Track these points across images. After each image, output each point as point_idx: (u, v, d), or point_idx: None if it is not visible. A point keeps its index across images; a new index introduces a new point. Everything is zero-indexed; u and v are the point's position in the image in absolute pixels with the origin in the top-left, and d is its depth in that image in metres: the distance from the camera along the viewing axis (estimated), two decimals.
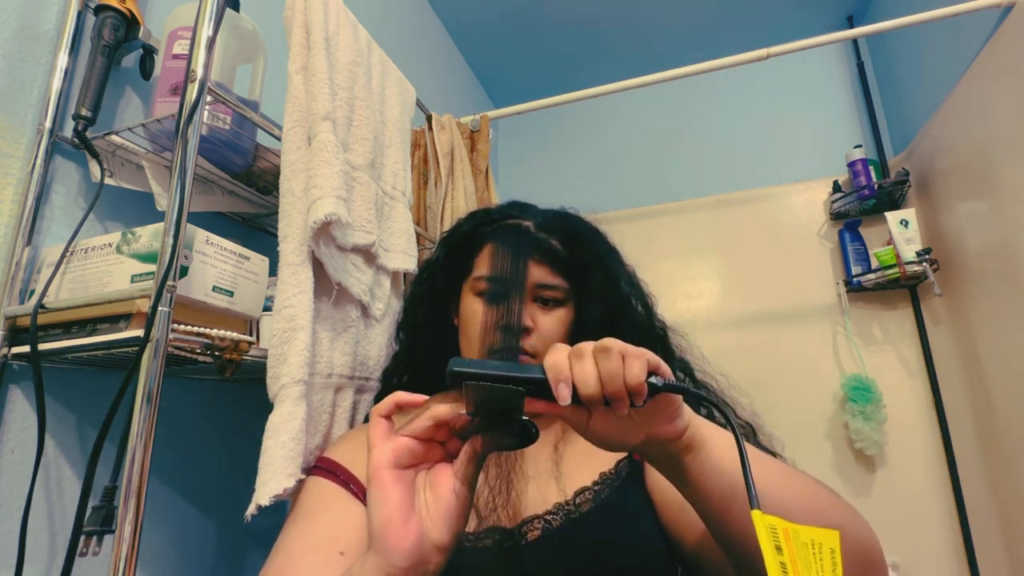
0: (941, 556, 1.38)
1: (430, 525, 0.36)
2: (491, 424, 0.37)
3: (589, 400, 0.34)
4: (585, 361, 0.35)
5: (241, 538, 0.84)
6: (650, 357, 0.35)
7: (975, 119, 1.21)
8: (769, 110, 1.86)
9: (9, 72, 0.61)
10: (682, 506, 0.51)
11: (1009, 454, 1.18)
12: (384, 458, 0.37)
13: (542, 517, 0.51)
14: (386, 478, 0.36)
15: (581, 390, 0.34)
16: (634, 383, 0.34)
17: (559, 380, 0.34)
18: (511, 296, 0.58)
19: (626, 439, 0.37)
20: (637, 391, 0.34)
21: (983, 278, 1.23)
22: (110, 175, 0.66)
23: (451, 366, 0.36)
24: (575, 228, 0.66)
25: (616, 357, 0.34)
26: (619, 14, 1.79)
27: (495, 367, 0.36)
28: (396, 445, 0.37)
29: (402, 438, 0.38)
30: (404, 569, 0.34)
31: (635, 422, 0.37)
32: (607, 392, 0.34)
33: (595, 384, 0.34)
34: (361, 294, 0.73)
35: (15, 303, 0.59)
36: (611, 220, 2.14)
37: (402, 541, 0.34)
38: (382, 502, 0.35)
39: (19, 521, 0.55)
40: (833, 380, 1.56)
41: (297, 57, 0.70)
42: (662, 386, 0.35)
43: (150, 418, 0.48)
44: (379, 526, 0.35)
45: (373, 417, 0.38)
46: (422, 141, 1.16)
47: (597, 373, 0.34)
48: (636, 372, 0.34)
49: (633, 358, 0.35)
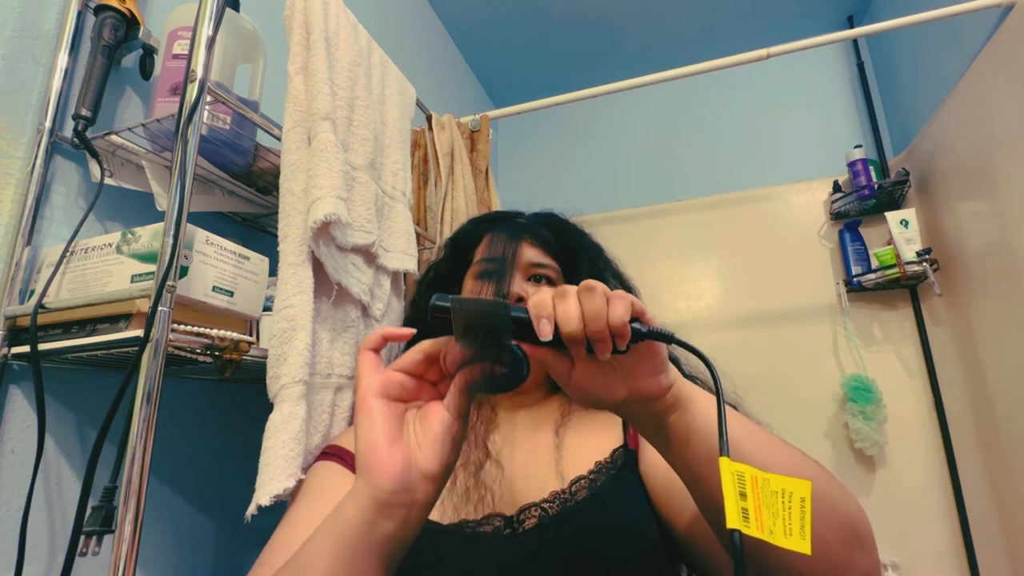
0: (941, 556, 1.38)
1: (418, 454, 0.35)
2: (480, 350, 0.35)
3: (571, 339, 0.34)
4: (568, 300, 0.34)
5: (241, 538, 0.84)
6: (635, 301, 0.35)
7: (975, 119, 1.21)
8: (769, 110, 1.86)
9: (9, 72, 0.61)
10: (673, 490, 0.51)
11: (1009, 454, 1.18)
12: (373, 387, 0.36)
13: (539, 505, 0.52)
14: (373, 405, 0.36)
15: (563, 328, 0.34)
16: (617, 323, 0.33)
17: (541, 316, 0.34)
18: (504, 271, 0.63)
19: (609, 392, 0.37)
20: (620, 332, 0.33)
21: (983, 278, 1.23)
22: (110, 175, 0.66)
23: (433, 300, 0.35)
24: (564, 223, 0.72)
25: (600, 297, 0.34)
26: (619, 14, 1.79)
27: (478, 300, 0.36)
28: (386, 377, 0.37)
29: (392, 371, 0.37)
30: (390, 493, 0.33)
31: (618, 375, 0.37)
32: (589, 332, 0.33)
33: (577, 322, 0.33)
34: (361, 294, 0.73)
35: (15, 303, 0.59)
36: (611, 220, 2.14)
37: (389, 465, 0.34)
38: (368, 427, 0.35)
39: (19, 521, 0.55)
40: (833, 380, 1.56)
41: (297, 57, 0.70)
42: (646, 332, 0.34)
43: (150, 418, 0.48)
44: (365, 449, 0.34)
45: (361, 351, 0.38)
46: (422, 141, 1.16)
47: (580, 312, 0.34)
48: (620, 313, 0.33)
49: (617, 299, 0.34)
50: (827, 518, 0.37)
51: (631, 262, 0.75)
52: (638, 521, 0.51)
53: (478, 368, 0.36)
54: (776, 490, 0.30)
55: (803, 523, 0.29)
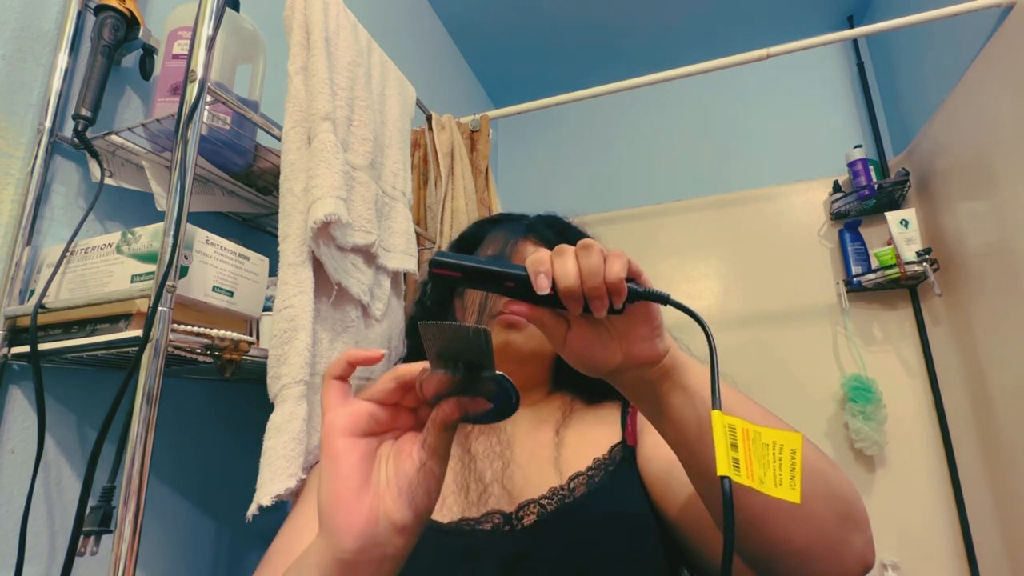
0: (941, 556, 1.38)
1: (388, 502, 0.31)
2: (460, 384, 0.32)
3: (568, 295, 0.34)
4: (566, 256, 0.35)
5: (241, 538, 0.84)
6: (631, 260, 0.35)
7: (975, 119, 1.21)
8: (769, 110, 1.86)
9: (9, 72, 0.61)
10: (666, 476, 0.51)
11: (1009, 454, 1.18)
12: (338, 423, 0.33)
13: (537, 502, 0.52)
14: (339, 447, 0.32)
15: (560, 283, 0.34)
16: (614, 279, 0.33)
17: (539, 271, 0.34)
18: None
19: (604, 356, 0.37)
20: (616, 289, 0.34)
21: (983, 278, 1.23)
22: (110, 175, 0.66)
23: (435, 256, 0.35)
24: (566, 224, 0.73)
25: (597, 254, 0.34)
26: (619, 14, 1.79)
27: (478, 260, 0.35)
28: (354, 410, 0.33)
29: (362, 402, 0.34)
30: (355, 552, 0.30)
31: (613, 338, 0.37)
32: (586, 288, 0.33)
33: (575, 278, 0.34)
34: (361, 294, 0.73)
35: (15, 303, 0.59)
36: (612, 220, 2.14)
37: (352, 520, 0.30)
38: (332, 475, 0.31)
39: (19, 521, 0.55)
40: (833, 380, 1.56)
41: (297, 57, 0.70)
42: (642, 292, 0.35)
43: (150, 418, 0.48)
44: (327, 502, 0.31)
45: (326, 380, 0.35)
46: (422, 141, 1.16)
47: (578, 268, 0.34)
48: (616, 269, 0.33)
49: (614, 257, 0.34)
50: (819, 492, 0.36)
51: None
52: (636, 517, 0.52)
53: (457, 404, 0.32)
54: (767, 442, 0.30)
55: (793, 473, 0.29)
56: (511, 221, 0.72)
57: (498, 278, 0.35)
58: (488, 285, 0.36)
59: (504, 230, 0.68)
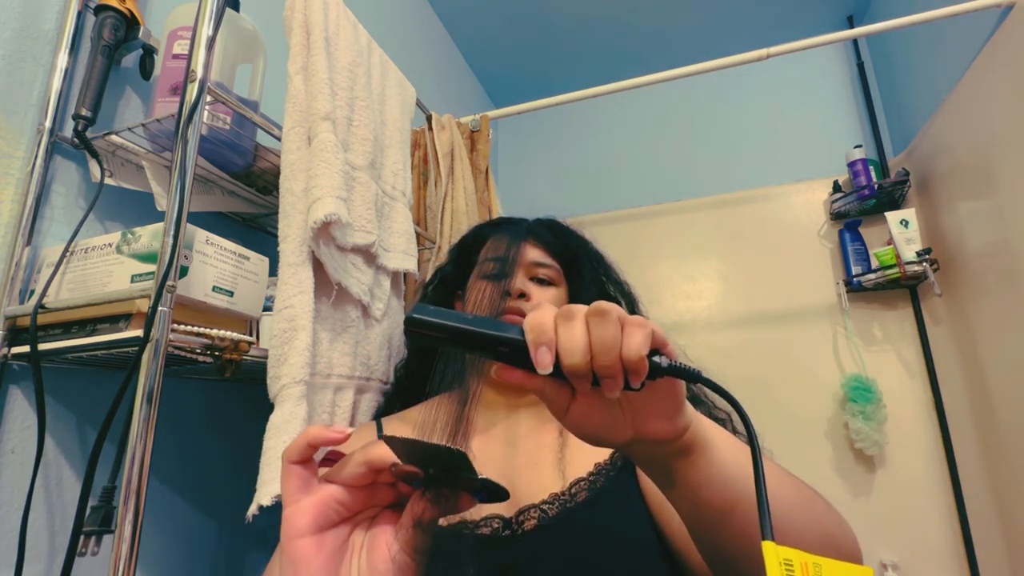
0: (941, 556, 1.38)
1: None
2: (440, 480, 0.29)
3: (574, 373, 0.28)
4: (574, 324, 0.28)
5: (241, 538, 0.84)
6: (655, 329, 0.29)
7: (975, 119, 1.21)
8: (769, 110, 1.86)
9: (9, 72, 0.61)
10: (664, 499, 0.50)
11: (1009, 454, 1.18)
12: (299, 522, 0.29)
13: (538, 506, 0.51)
14: (300, 550, 0.28)
15: (565, 359, 0.28)
16: (633, 358, 0.27)
17: (540, 343, 0.28)
18: (507, 270, 0.63)
19: (611, 433, 0.31)
20: (635, 369, 0.27)
21: (983, 278, 1.23)
22: (110, 175, 0.66)
23: (410, 312, 0.28)
24: (565, 227, 0.73)
25: (613, 324, 0.28)
26: (619, 14, 1.79)
27: (462, 319, 0.29)
28: (317, 499, 0.30)
29: (327, 488, 0.30)
30: None
31: (625, 413, 0.31)
32: (597, 365, 0.28)
33: (583, 354, 0.27)
34: (361, 294, 0.73)
35: (15, 303, 0.59)
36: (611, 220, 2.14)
37: None
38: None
39: (19, 521, 0.55)
40: (833, 380, 1.56)
41: (297, 57, 0.70)
42: (667, 367, 0.28)
43: (150, 418, 0.48)
44: None
45: (284, 464, 0.30)
46: (422, 141, 1.16)
47: (587, 340, 0.28)
48: (637, 344, 0.27)
49: (634, 327, 0.28)
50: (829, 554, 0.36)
51: (631, 262, 0.75)
52: (636, 524, 0.51)
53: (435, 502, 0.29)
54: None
55: None
56: (510, 224, 0.72)
57: (489, 343, 0.29)
58: (476, 349, 0.29)
59: (504, 233, 0.68)
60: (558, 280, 0.67)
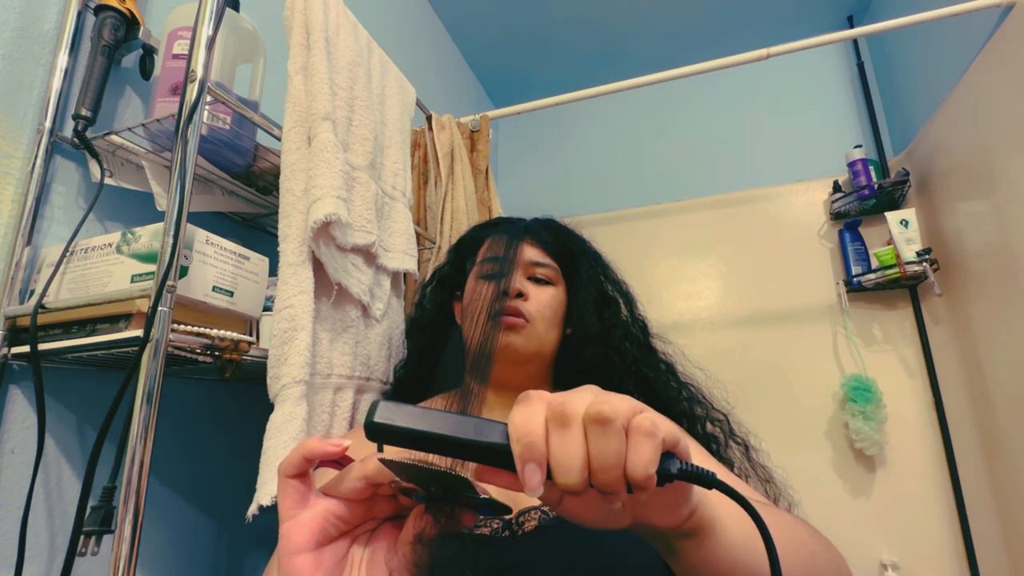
0: (941, 556, 1.38)
1: None
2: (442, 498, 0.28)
3: (569, 491, 0.25)
4: (570, 435, 0.24)
5: (241, 538, 0.84)
6: (666, 433, 0.25)
7: (975, 119, 1.21)
8: (769, 110, 1.86)
9: (9, 72, 0.61)
10: None
11: (1009, 454, 1.18)
12: (297, 538, 0.28)
13: (539, 508, 0.51)
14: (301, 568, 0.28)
15: (559, 479, 0.24)
16: (640, 477, 0.24)
17: (528, 459, 0.24)
18: (505, 269, 0.63)
19: (608, 523, 0.29)
20: (642, 486, 0.24)
21: (983, 278, 1.23)
22: (110, 175, 0.66)
23: (372, 416, 0.25)
24: (563, 227, 0.74)
25: (617, 435, 0.24)
26: (619, 14, 1.79)
27: (434, 420, 0.25)
28: (315, 515, 0.29)
29: (325, 501, 0.29)
30: None
31: (625, 507, 0.29)
32: (597, 482, 0.24)
33: (580, 472, 0.24)
34: (361, 294, 0.73)
35: (15, 303, 0.59)
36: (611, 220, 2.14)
37: None
38: None
39: (19, 521, 0.55)
40: (833, 380, 1.55)
41: (297, 57, 0.70)
42: (677, 473, 0.25)
43: (150, 418, 0.48)
44: None
45: (281, 479, 0.29)
46: (422, 141, 1.16)
47: (586, 455, 0.24)
48: (645, 462, 0.24)
49: (641, 437, 0.24)
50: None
51: (631, 262, 0.76)
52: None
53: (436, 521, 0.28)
54: None
55: None
56: (508, 224, 0.73)
57: (469, 452, 0.25)
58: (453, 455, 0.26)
59: (502, 233, 0.69)
60: (556, 279, 0.67)
